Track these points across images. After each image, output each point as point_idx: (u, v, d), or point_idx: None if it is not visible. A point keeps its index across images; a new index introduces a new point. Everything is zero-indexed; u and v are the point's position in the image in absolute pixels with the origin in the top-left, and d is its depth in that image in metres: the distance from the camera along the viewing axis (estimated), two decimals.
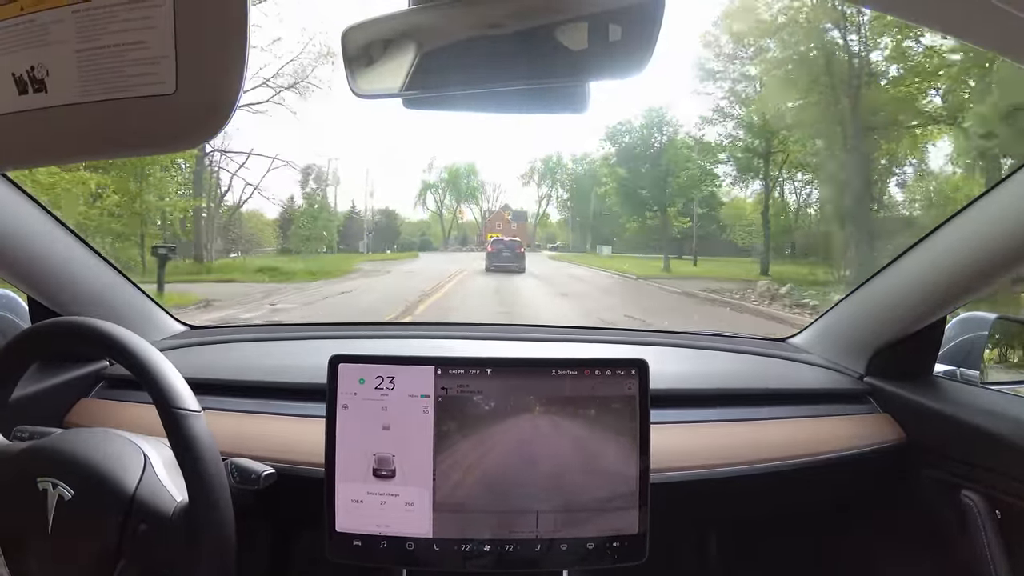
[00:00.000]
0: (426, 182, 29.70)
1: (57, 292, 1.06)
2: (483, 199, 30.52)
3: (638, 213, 16.97)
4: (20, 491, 0.69)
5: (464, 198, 30.26)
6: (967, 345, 1.13)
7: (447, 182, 29.62)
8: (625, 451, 0.80)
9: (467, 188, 29.87)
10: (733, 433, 1.03)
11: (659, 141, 16.28)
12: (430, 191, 29.43)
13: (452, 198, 29.86)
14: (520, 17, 0.51)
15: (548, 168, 29.57)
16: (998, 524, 0.94)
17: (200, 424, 0.68)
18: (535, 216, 30.56)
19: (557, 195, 29.92)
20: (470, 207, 30.55)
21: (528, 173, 30.31)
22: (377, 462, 0.79)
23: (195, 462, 0.66)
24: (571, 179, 29.00)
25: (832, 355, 1.24)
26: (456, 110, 0.62)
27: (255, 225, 15.97)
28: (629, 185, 16.48)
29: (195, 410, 0.69)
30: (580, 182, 27.68)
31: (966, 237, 0.94)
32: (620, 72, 0.52)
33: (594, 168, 25.28)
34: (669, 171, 15.37)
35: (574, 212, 28.56)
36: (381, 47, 0.55)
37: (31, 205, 0.98)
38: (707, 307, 9.45)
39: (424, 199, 29.63)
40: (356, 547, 0.80)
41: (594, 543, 0.80)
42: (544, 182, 30.31)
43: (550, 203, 30.16)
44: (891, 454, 1.06)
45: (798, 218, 13.64)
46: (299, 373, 1.09)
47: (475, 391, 0.80)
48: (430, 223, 29.33)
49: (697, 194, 15.56)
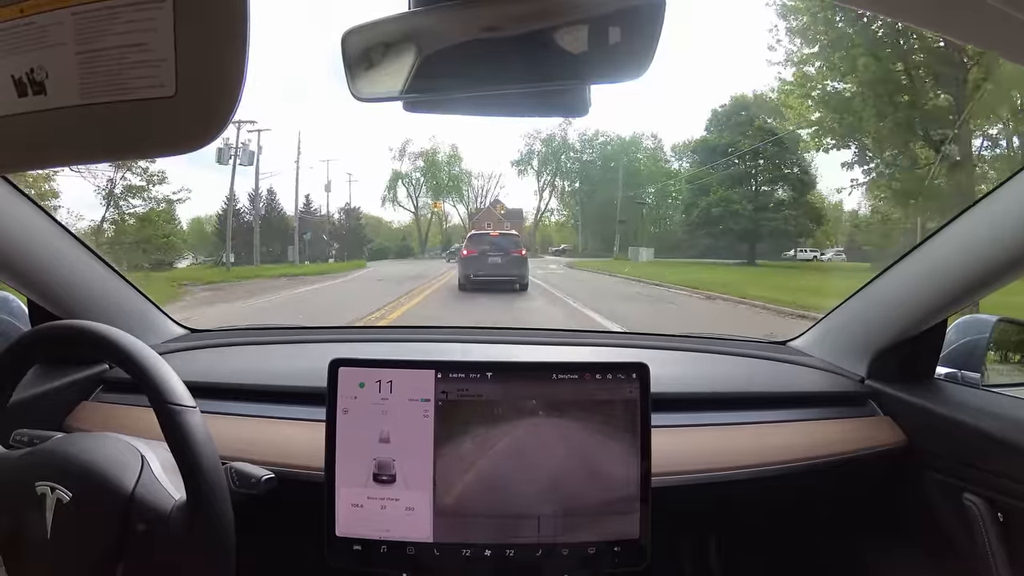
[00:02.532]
0: (397, 172, 23.54)
1: (57, 295, 1.06)
2: (470, 193, 24.37)
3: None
4: (19, 496, 0.68)
5: (445, 192, 23.89)
6: (968, 348, 1.12)
7: (424, 171, 23.55)
8: (626, 455, 0.80)
9: (449, 179, 23.77)
10: (734, 437, 1.03)
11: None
12: (402, 183, 23.45)
13: (430, 192, 23.79)
14: (520, 20, 0.51)
15: (551, 151, 23.43)
16: (1000, 527, 0.93)
17: (195, 419, 0.68)
18: (535, 213, 24.41)
19: (563, 186, 23.71)
20: (455, 205, 24.32)
21: (524, 159, 23.75)
22: (377, 466, 0.79)
23: (191, 457, 0.66)
24: (581, 166, 22.95)
25: (833, 358, 1.24)
26: (456, 113, 0.62)
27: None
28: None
29: (190, 405, 0.69)
30: (590, 169, 22.67)
31: (968, 240, 0.94)
32: (620, 75, 0.52)
33: (617, 149, 21.07)
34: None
35: (584, 207, 22.94)
36: (381, 50, 0.55)
37: (31, 208, 0.98)
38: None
39: (394, 193, 23.42)
40: (356, 552, 0.79)
41: (596, 548, 0.79)
42: (546, 169, 23.72)
43: (553, 196, 23.99)
44: (893, 457, 1.05)
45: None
46: (299, 377, 1.09)
47: (475, 395, 0.80)
48: (412, 228, 24.16)
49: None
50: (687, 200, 18.25)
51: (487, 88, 0.56)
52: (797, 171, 15.83)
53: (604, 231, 22.36)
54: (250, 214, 18.44)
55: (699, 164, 18.33)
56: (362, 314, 7.11)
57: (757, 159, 16.33)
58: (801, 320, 5.90)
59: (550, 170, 24.10)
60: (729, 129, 16.76)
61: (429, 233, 24.37)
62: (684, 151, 20.70)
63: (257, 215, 18.05)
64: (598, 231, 22.98)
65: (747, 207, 15.89)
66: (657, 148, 22.27)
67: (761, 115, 15.76)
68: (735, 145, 16.27)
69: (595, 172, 22.65)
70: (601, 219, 22.41)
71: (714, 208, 16.14)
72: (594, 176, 22.91)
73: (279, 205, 20.06)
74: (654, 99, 17.44)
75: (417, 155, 23.64)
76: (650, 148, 22.08)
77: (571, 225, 24.87)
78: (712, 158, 16.84)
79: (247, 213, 18.55)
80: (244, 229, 17.91)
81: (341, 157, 31.53)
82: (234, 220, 17.33)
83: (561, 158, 23.76)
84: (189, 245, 16.64)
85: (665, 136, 24.24)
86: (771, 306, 8.25)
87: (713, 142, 17.15)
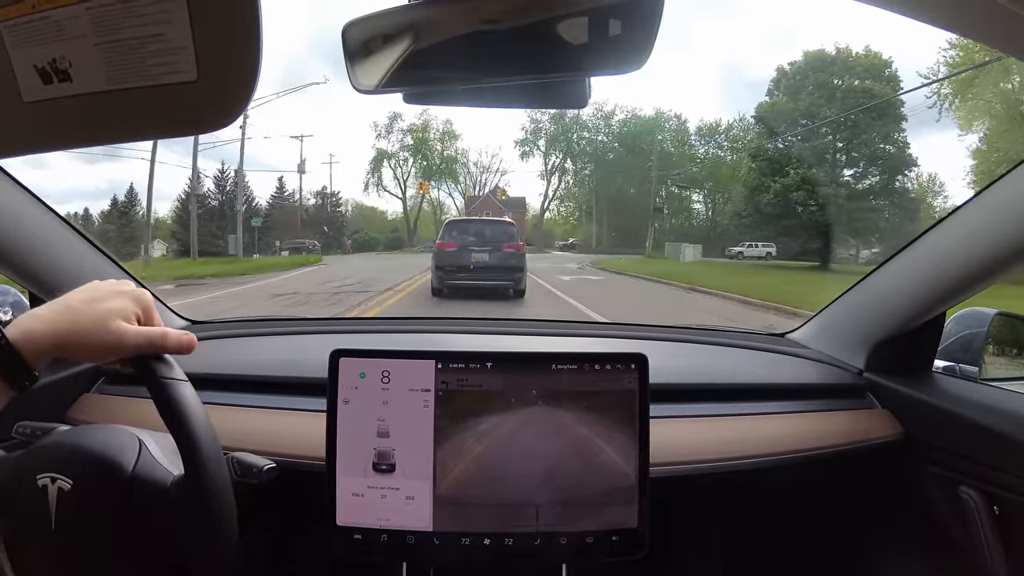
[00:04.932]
0: (382, 151, 20.75)
1: (58, 287, 1.06)
2: (467, 178, 21.11)
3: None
4: (21, 491, 0.69)
5: (438, 175, 20.46)
6: (966, 341, 1.13)
7: (413, 151, 20.39)
8: (625, 445, 0.81)
9: (442, 160, 20.39)
10: (732, 428, 1.04)
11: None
12: (388, 163, 20.51)
13: (419, 173, 20.46)
14: (520, 12, 0.51)
15: (560, 129, 20.05)
16: (996, 520, 0.94)
17: (187, 390, 0.68)
18: (542, 200, 20.99)
19: (574, 170, 20.09)
20: (451, 193, 20.70)
21: (529, 138, 20.21)
22: (377, 456, 0.80)
23: (186, 428, 0.66)
24: (594, 148, 19.32)
25: (831, 350, 1.24)
26: (456, 105, 0.63)
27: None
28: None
29: (181, 379, 0.69)
30: (605, 151, 19.19)
31: (967, 233, 0.94)
32: (620, 67, 0.53)
33: (638, 128, 17.33)
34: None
35: (598, 195, 19.76)
36: (381, 42, 0.55)
37: (30, 199, 0.98)
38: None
39: (379, 176, 20.36)
40: (357, 541, 0.80)
41: (594, 537, 0.80)
42: (554, 150, 20.18)
43: (563, 180, 20.29)
44: (890, 450, 1.06)
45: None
46: (300, 367, 1.09)
47: (475, 385, 0.81)
48: (406, 218, 20.90)
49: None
50: (752, 183, 13.92)
51: (487, 80, 0.56)
52: (892, 149, 12.15)
53: (622, 224, 19.26)
54: (215, 199, 16.74)
55: (764, 138, 14.45)
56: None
57: (841, 132, 12.70)
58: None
59: (559, 149, 20.68)
60: (806, 92, 13.24)
61: (418, 221, 21.06)
62: (711, 133, 17.65)
63: (194, 198, 16.07)
64: (615, 223, 19.88)
65: (840, 193, 12.30)
66: (680, 130, 19.48)
67: (846, 76, 12.49)
68: (814, 112, 12.73)
69: (611, 154, 19.21)
70: (617, 210, 19.47)
71: (793, 192, 12.44)
72: (609, 159, 19.64)
73: (248, 188, 17.91)
74: (674, 73, 14.97)
75: (405, 131, 20.34)
76: (673, 130, 19.33)
77: (575, 219, 21.34)
78: (784, 129, 13.02)
79: (212, 198, 16.85)
80: (208, 215, 15.99)
81: (316, 133, 28.91)
82: (199, 206, 15.50)
83: (572, 137, 20.26)
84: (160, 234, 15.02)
85: (690, 117, 20.82)
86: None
87: (784, 107, 13.53)
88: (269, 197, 18.41)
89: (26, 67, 0.45)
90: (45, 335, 0.60)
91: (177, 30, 0.42)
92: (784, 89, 14.43)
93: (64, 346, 0.62)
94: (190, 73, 0.43)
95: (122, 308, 0.65)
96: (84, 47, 0.43)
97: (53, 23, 0.43)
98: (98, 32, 0.43)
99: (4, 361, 0.58)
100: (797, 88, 13.99)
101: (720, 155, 17.37)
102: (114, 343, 0.64)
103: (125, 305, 0.66)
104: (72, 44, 0.43)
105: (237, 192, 16.66)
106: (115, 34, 0.43)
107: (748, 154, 15.15)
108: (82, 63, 0.44)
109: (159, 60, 0.43)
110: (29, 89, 0.45)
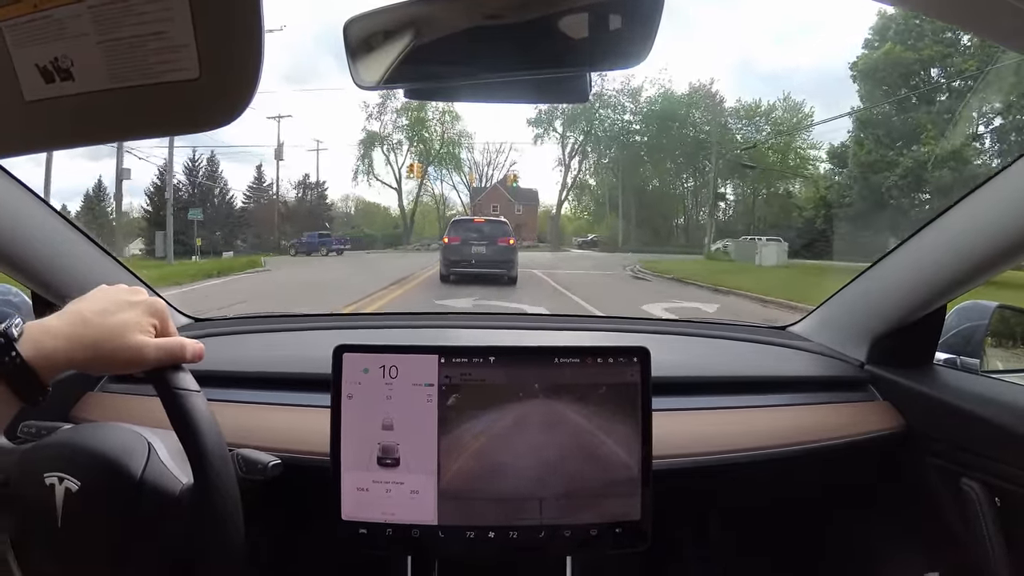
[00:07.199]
0: (373, 133, 17.40)
1: (61, 286, 1.06)
2: (472, 167, 17.92)
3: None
4: (28, 490, 0.69)
5: (438, 161, 17.24)
6: (967, 334, 1.13)
7: (408, 131, 17.11)
8: (627, 438, 0.81)
9: (443, 144, 16.87)
10: (734, 420, 1.04)
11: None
12: (380, 148, 17.15)
13: (416, 158, 17.32)
14: (521, 7, 0.51)
15: (581, 109, 16.37)
16: (997, 511, 0.94)
17: (200, 402, 0.68)
18: (559, 189, 17.63)
19: (595, 158, 16.73)
20: (454, 185, 17.37)
21: (544, 117, 16.56)
22: (382, 451, 0.80)
23: (197, 440, 0.66)
24: (618, 129, 15.90)
25: (832, 343, 1.24)
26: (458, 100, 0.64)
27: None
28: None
29: (195, 389, 0.69)
30: (632, 133, 15.88)
31: (968, 225, 0.94)
32: (621, 61, 0.53)
33: (672, 105, 14.42)
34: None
35: (624, 186, 16.61)
36: (383, 38, 0.55)
37: (31, 198, 0.99)
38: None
39: (369, 163, 17.11)
40: (362, 535, 0.81)
41: (597, 529, 0.81)
42: (573, 131, 16.75)
43: (584, 165, 16.77)
44: (891, 442, 1.06)
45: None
46: (303, 364, 1.10)
47: (479, 379, 0.81)
48: (409, 213, 18.25)
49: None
50: (868, 159, 10.22)
51: (488, 75, 0.57)
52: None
53: (653, 219, 16.17)
54: (187, 190, 14.43)
55: (870, 97, 10.87)
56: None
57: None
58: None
59: (579, 130, 17.41)
60: (927, 41, 9.58)
61: (417, 215, 18.44)
62: (749, 116, 14.79)
63: (119, 190, 14.13)
64: (645, 218, 16.90)
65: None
66: (715, 110, 16.87)
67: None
68: (943, 63, 9.10)
69: (639, 136, 15.97)
70: (642, 203, 16.49)
71: (935, 172, 8.68)
72: (635, 141, 16.55)
73: (223, 179, 15.41)
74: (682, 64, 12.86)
75: (400, 111, 16.92)
76: (709, 108, 16.73)
77: (589, 213, 18.42)
78: (901, 85, 9.13)
79: (184, 190, 14.52)
80: (178, 210, 13.63)
81: (295, 113, 25.43)
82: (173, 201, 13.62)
83: (595, 117, 16.75)
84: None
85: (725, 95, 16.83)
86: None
87: (901, 58, 9.58)
88: (246, 188, 16.49)
89: (28, 66, 0.45)
90: (60, 352, 0.58)
91: (179, 27, 0.42)
92: (895, 37, 11.20)
93: (79, 362, 0.60)
94: (192, 70, 0.43)
95: (138, 320, 0.64)
96: (86, 45, 0.43)
97: (55, 22, 0.43)
98: (100, 30, 0.43)
99: (19, 379, 0.57)
100: (917, 33, 10.62)
101: (761, 139, 15.29)
102: (133, 358, 0.63)
103: (141, 317, 0.64)
104: (74, 43, 0.44)
105: (167, 178, 14.14)
106: (117, 32, 0.43)
107: (857, 120, 11.92)
108: (84, 62, 0.44)
109: (161, 58, 0.43)
110: (31, 88, 0.45)
